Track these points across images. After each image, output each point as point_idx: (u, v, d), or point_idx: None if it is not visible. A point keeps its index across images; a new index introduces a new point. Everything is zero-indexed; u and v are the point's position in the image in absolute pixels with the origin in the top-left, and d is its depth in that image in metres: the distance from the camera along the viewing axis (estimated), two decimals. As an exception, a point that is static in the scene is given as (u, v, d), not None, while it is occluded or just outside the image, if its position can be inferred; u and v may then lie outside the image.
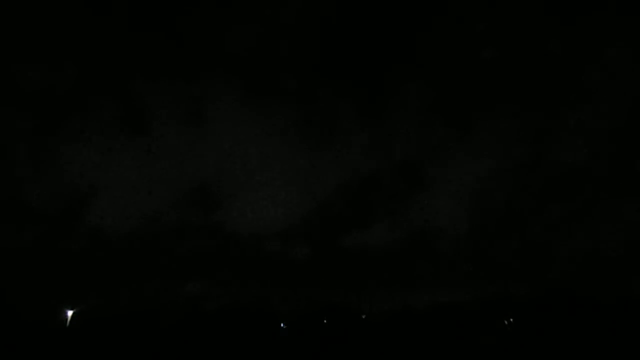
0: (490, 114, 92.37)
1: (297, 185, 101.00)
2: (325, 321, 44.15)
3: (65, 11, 78.83)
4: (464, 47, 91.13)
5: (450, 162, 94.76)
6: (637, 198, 64.71)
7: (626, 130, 71.83)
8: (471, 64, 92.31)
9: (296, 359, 22.14)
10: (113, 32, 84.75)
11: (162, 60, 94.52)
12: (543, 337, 27.89)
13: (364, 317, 46.03)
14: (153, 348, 26.21)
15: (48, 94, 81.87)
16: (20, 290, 39.34)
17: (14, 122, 73.23)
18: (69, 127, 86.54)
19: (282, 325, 45.03)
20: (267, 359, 22.32)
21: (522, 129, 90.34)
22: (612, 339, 22.43)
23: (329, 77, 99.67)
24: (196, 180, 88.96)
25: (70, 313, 31.27)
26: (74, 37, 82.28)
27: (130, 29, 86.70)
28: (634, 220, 61.03)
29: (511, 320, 35.43)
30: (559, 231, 72.91)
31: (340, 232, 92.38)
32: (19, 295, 37.76)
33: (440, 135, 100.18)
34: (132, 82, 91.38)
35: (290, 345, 29.96)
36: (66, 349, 23.40)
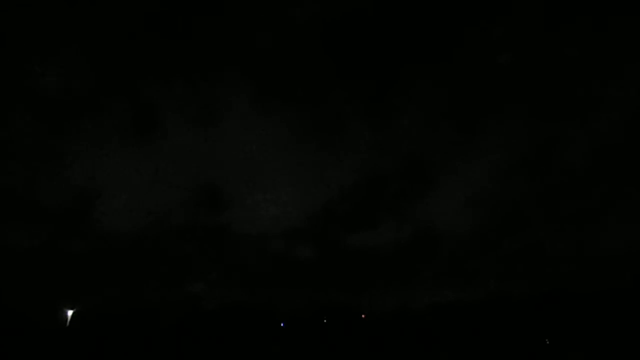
0: (498, 115, 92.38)
1: (303, 185, 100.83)
2: (325, 321, 44.19)
3: (75, 12, 78.77)
4: (475, 49, 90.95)
5: (457, 163, 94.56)
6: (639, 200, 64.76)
7: (634, 134, 71.78)
8: (480, 67, 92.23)
9: (296, 358, 22.16)
10: (123, 33, 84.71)
11: (171, 61, 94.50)
12: (543, 337, 27.93)
13: (363, 316, 46.07)
14: (153, 348, 26.23)
15: (55, 94, 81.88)
16: (20, 289, 39.36)
17: (22, 122, 73.17)
18: (77, 128, 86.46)
19: (282, 324, 45.07)
20: (267, 358, 22.35)
21: (529, 132, 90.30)
22: (612, 338, 22.48)
23: (337, 79, 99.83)
24: (203, 180, 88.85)
25: (70, 313, 31.26)
26: (83, 38, 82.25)
27: (141, 29, 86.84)
28: (636, 222, 61.14)
29: (511, 320, 35.44)
30: (560, 232, 73.02)
31: (344, 232, 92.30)
32: (20, 295, 37.78)
33: (447, 136, 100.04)
34: (142, 82, 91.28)
35: (290, 345, 29.98)
36: (66, 349, 23.41)
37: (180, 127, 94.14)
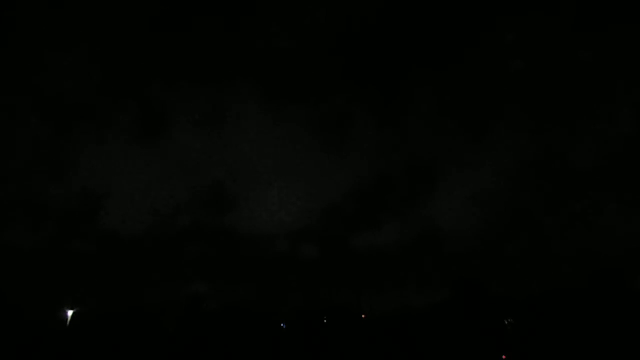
0: (503, 117, 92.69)
1: (309, 187, 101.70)
2: (325, 321, 44.16)
3: (85, 14, 79.10)
4: (479, 51, 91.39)
5: (462, 164, 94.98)
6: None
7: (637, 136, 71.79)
8: (485, 69, 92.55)
9: (296, 358, 22.14)
10: (132, 35, 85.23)
11: (178, 63, 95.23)
12: (543, 337, 27.89)
13: (364, 316, 46.00)
14: (153, 348, 26.24)
15: (63, 96, 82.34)
16: (22, 289, 39.41)
17: (30, 123, 73.47)
18: (84, 129, 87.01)
19: (282, 325, 45.05)
20: (267, 358, 22.33)
21: (534, 133, 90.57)
22: (612, 339, 22.42)
23: (343, 80, 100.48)
24: (210, 181, 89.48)
25: (70, 313, 31.27)
26: (91, 40, 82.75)
27: (149, 31, 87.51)
28: (637, 222, 61.04)
29: (511, 320, 35.38)
30: (560, 232, 73.04)
31: (347, 232, 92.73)
32: (21, 295, 37.82)
33: (452, 137, 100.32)
34: (149, 84, 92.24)
35: (290, 345, 29.99)
36: (66, 349, 23.44)
37: (186, 128, 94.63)
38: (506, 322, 35.94)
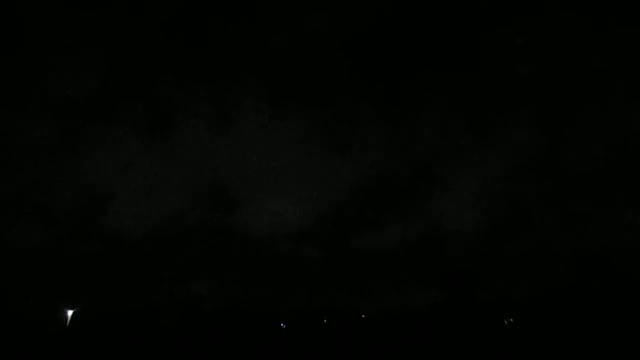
0: (507, 119, 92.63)
1: (313, 187, 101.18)
2: (325, 321, 44.23)
3: (92, 14, 79.04)
4: (485, 53, 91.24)
5: (465, 165, 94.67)
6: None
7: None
8: (490, 71, 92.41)
9: (296, 358, 22.14)
10: (137, 35, 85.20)
11: (184, 63, 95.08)
12: (543, 337, 27.87)
13: (364, 316, 46.06)
14: (153, 348, 26.24)
15: (69, 96, 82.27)
16: (22, 290, 39.48)
17: (34, 123, 73.41)
18: (87, 129, 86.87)
19: (282, 325, 45.15)
20: (266, 359, 22.32)
21: (538, 134, 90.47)
22: (613, 339, 22.40)
23: (348, 81, 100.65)
24: (213, 182, 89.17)
25: (70, 313, 31.33)
26: (96, 40, 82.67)
27: (154, 31, 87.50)
28: (638, 222, 61.05)
29: (511, 320, 35.42)
30: (561, 232, 73.06)
31: (349, 233, 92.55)
32: (22, 295, 37.89)
33: (456, 139, 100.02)
34: (154, 84, 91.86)
35: (289, 345, 29.97)
36: (66, 349, 23.44)
37: (191, 128, 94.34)
38: (506, 322, 35.97)
